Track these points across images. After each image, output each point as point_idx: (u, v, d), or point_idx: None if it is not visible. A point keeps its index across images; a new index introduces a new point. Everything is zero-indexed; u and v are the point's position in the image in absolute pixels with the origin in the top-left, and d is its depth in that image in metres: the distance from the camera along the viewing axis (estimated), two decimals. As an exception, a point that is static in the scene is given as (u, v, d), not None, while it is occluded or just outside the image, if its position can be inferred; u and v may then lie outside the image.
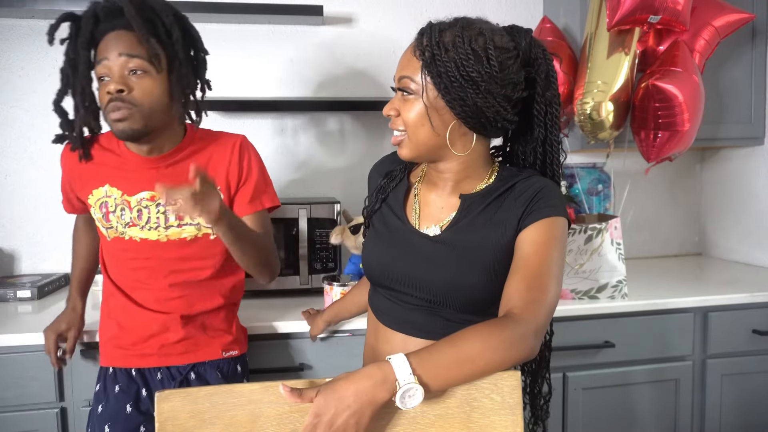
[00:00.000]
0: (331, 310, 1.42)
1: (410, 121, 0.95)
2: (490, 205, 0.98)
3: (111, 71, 1.11)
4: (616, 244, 1.67)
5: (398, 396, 0.77)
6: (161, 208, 1.22)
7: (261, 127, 2.12)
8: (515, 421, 0.86)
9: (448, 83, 0.91)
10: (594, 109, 1.70)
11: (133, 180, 1.23)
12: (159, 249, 1.24)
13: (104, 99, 1.12)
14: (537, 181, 0.98)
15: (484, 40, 0.92)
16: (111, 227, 1.24)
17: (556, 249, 0.92)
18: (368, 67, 2.16)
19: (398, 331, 1.02)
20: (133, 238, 1.23)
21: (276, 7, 1.95)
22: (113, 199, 1.23)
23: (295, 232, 1.75)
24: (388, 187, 1.09)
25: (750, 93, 2.09)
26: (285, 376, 1.48)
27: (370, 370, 0.79)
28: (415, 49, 0.94)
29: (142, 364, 1.27)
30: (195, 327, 1.28)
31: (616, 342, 1.66)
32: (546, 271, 0.90)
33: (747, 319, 1.75)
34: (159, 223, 1.23)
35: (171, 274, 1.25)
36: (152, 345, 1.26)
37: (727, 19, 1.79)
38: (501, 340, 0.82)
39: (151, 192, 1.22)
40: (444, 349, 0.82)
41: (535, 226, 0.93)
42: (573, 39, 1.99)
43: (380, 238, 1.06)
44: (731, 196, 2.30)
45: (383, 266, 1.03)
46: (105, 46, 1.12)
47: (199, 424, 0.81)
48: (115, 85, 1.10)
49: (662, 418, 1.74)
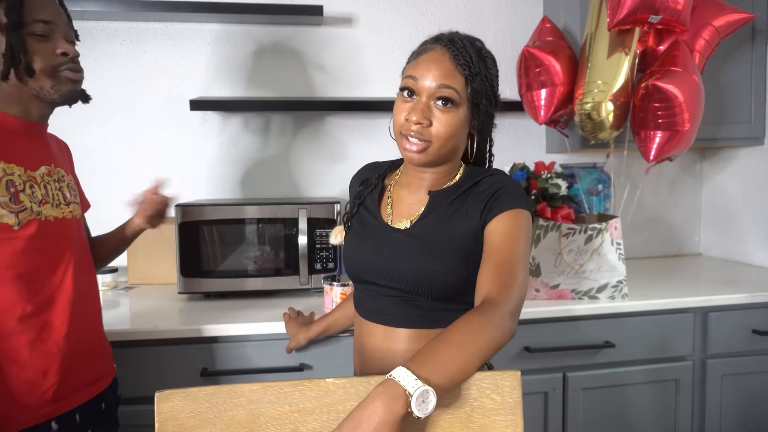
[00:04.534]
0: (319, 325, 1.43)
1: (443, 134, 1.00)
2: (456, 200, 1.04)
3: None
4: (616, 244, 1.67)
5: (413, 404, 0.75)
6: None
7: (260, 126, 2.12)
8: (515, 421, 0.86)
9: (483, 98, 1.01)
10: (594, 109, 1.70)
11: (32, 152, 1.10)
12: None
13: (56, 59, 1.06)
14: (500, 179, 1.04)
15: (493, 61, 1.05)
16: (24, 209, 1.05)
17: (521, 239, 0.97)
18: (368, 67, 2.16)
19: (379, 323, 1.06)
20: (48, 218, 1.09)
21: (276, 7, 1.95)
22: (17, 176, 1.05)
23: (295, 232, 1.75)
24: (364, 192, 1.15)
25: (750, 93, 2.09)
26: (285, 376, 1.49)
27: (375, 391, 0.77)
28: (457, 63, 0.99)
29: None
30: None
31: (616, 342, 1.66)
32: (514, 258, 0.94)
33: (747, 319, 1.75)
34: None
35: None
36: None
37: (727, 19, 1.79)
38: (483, 323, 0.84)
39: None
40: (435, 346, 0.82)
41: (500, 218, 0.99)
42: (573, 39, 1.99)
43: (357, 236, 1.12)
44: (731, 196, 2.30)
45: (360, 261, 1.08)
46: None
47: (199, 424, 0.81)
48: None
49: (662, 418, 1.74)
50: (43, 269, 1.06)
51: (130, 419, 1.39)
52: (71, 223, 1.15)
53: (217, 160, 2.11)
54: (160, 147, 2.07)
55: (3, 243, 1.00)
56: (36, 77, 1.05)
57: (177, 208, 1.71)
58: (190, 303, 1.70)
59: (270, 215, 1.75)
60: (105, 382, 1.20)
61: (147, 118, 2.06)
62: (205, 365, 1.49)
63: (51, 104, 1.11)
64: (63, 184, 1.15)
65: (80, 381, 1.12)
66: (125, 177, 2.05)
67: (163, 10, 1.90)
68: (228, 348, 1.51)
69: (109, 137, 2.03)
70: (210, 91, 2.09)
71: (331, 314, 1.43)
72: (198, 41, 2.07)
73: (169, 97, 2.06)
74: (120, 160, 2.05)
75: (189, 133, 2.09)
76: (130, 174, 2.06)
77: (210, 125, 2.10)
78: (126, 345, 1.46)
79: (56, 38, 1.07)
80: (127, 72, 2.03)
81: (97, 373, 1.18)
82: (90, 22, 1.97)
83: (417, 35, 2.17)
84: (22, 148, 1.07)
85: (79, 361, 1.12)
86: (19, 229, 1.02)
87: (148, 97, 2.05)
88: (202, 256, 1.73)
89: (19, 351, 1.02)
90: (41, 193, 1.08)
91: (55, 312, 1.08)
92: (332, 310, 1.45)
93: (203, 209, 1.73)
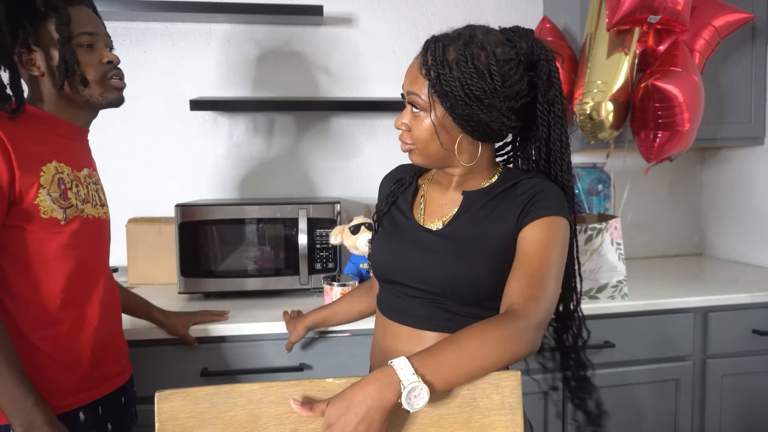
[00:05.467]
0: (317, 314, 1.41)
1: (420, 138, 0.99)
2: (491, 201, 1.01)
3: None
4: (616, 244, 1.67)
5: (404, 396, 0.77)
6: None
7: (260, 126, 2.12)
8: (515, 421, 0.86)
9: (454, 102, 0.94)
10: (594, 109, 1.70)
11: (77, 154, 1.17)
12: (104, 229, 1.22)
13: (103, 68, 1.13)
14: (539, 182, 1.00)
15: (486, 56, 0.93)
16: (71, 206, 1.11)
17: (556, 248, 0.93)
18: (368, 67, 2.16)
19: (404, 325, 1.03)
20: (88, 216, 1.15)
21: (276, 7, 1.95)
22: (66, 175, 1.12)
23: (295, 232, 1.75)
24: (397, 192, 1.13)
25: (750, 93, 2.09)
26: (285, 376, 1.49)
27: (374, 374, 0.79)
28: (421, 67, 0.96)
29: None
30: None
31: (616, 342, 1.66)
32: (546, 269, 0.91)
33: (747, 319, 1.75)
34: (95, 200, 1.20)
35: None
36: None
37: (727, 19, 1.79)
38: (500, 336, 0.83)
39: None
40: (445, 348, 0.82)
41: (535, 224, 0.95)
42: (573, 39, 1.99)
43: (387, 235, 1.10)
44: (731, 196, 2.30)
45: (389, 261, 1.06)
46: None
47: (199, 424, 0.81)
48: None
49: (662, 418, 1.74)
50: (82, 263, 1.12)
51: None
52: (105, 223, 1.22)
53: (217, 160, 2.11)
54: (160, 147, 2.07)
55: (51, 236, 1.07)
56: (89, 86, 1.12)
57: (177, 208, 1.71)
58: (190, 303, 1.70)
59: (270, 215, 1.75)
60: (125, 376, 1.27)
61: (147, 118, 2.06)
62: (205, 365, 1.49)
63: (97, 110, 1.19)
64: (98, 187, 1.23)
65: (105, 373, 1.18)
66: (125, 177, 2.05)
67: (164, 10, 1.90)
68: (228, 348, 1.51)
69: (109, 137, 2.03)
70: (210, 91, 2.09)
71: (331, 306, 1.41)
72: (198, 41, 2.07)
73: (169, 97, 2.06)
74: (119, 160, 2.05)
75: (189, 134, 2.09)
76: (129, 174, 2.06)
77: (210, 125, 2.10)
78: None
79: (99, 48, 1.14)
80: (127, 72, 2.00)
81: (119, 367, 1.24)
82: (90, 22, 1.97)
83: (417, 35, 2.17)
84: (70, 150, 1.14)
85: (105, 354, 1.18)
86: (65, 224, 1.08)
87: (148, 97, 2.05)
88: (202, 256, 1.73)
89: (56, 339, 1.08)
90: (84, 193, 1.15)
91: (89, 305, 1.14)
92: (332, 303, 1.43)
93: (203, 209, 1.73)
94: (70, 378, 1.10)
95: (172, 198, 2.05)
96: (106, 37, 1.16)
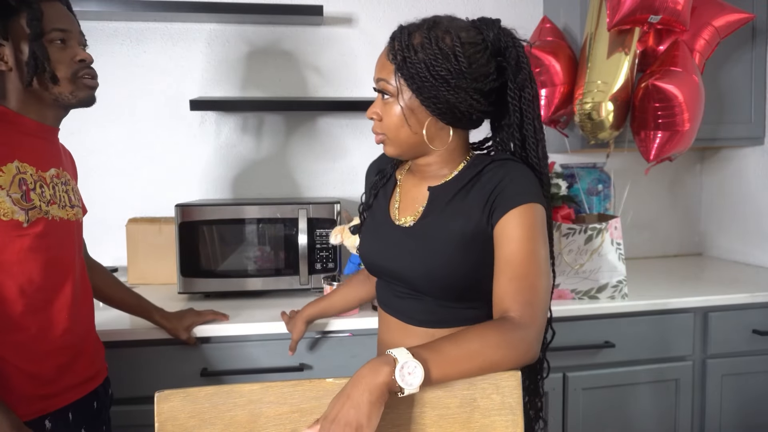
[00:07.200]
0: (315, 306, 1.40)
1: (390, 124, 0.99)
2: (457, 195, 1.00)
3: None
4: (616, 244, 1.67)
5: (397, 371, 0.77)
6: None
7: (260, 126, 2.12)
8: (515, 421, 0.86)
9: (420, 83, 0.94)
10: (594, 109, 1.70)
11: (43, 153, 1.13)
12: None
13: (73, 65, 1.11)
14: (503, 166, 0.97)
15: (450, 38, 0.95)
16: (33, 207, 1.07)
17: (537, 241, 0.91)
18: (368, 67, 2.15)
19: (395, 318, 1.06)
20: (55, 218, 1.11)
21: (276, 7, 1.95)
22: (29, 176, 1.08)
23: (295, 232, 1.75)
24: (380, 184, 1.14)
25: (750, 93, 2.09)
26: (285, 376, 1.49)
27: (370, 361, 0.80)
28: (388, 53, 0.98)
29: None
30: None
31: (616, 342, 1.66)
32: (533, 270, 0.89)
33: (747, 319, 1.75)
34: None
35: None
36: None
37: (727, 19, 1.79)
38: (501, 341, 0.83)
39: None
40: (444, 344, 0.83)
41: (509, 218, 0.92)
42: (573, 39, 1.98)
43: (369, 231, 1.11)
44: (731, 196, 2.30)
45: (372, 258, 1.08)
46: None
47: (199, 424, 0.81)
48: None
49: (662, 418, 1.74)
50: (49, 267, 1.08)
51: (129, 419, 1.39)
52: (74, 224, 1.18)
53: (217, 159, 2.11)
54: (159, 147, 2.07)
55: (12, 239, 1.02)
56: (59, 84, 1.09)
57: (177, 208, 1.71)
58: (190, 303, 1.70)
59: (270, 215, 1.75)
60: (97, 381, 1.22)
61: (146, 118, 2.06)
62: (205, 365, 1.49)
63: (67, 108, 1.15)
64: (69, 188, 1.18)
65: (75, 378, 1.14)
66: (125, 177, 2.05)
67: (163, 10, 1.90)
68: (228, 348, 1.51)
69: (109, 137, 2.03)
70: (210, 91, 2.09)
71: (329, 296, 1.41)
72: (198, 41, 2.06)
73: (168, 97, 2.06)
74: (119, 160, 2.05)
75: (188, 133, 2.09)
76: (129, 174, 2.06)
77: (210, 125, 2.10)
78: (126, 345, 1.46)
79: (73, 45, 1.11)
80: (126, 72, 2.02)
81: (91, 372, 1.20)
82: (90, 22, 1.97)
83: (417, 35, 2.16)
84: (36, 149, 1.10)
85: (74, 359, 1.14)
86: (27, 226, 1.04)
87: (147, 97, 2.05)
88: (202, 256, 1.73)
89: (19, 346, 1.04)
90: (50, 194, 1.10)
91: (56, 310, 1.10)
92: (329, 293, 1.42)
93: (203, 209, 1.73)
94: (34, 385, 1.06)
95: (172, 198, 2.05)
96: (79, 35, 1.13)
